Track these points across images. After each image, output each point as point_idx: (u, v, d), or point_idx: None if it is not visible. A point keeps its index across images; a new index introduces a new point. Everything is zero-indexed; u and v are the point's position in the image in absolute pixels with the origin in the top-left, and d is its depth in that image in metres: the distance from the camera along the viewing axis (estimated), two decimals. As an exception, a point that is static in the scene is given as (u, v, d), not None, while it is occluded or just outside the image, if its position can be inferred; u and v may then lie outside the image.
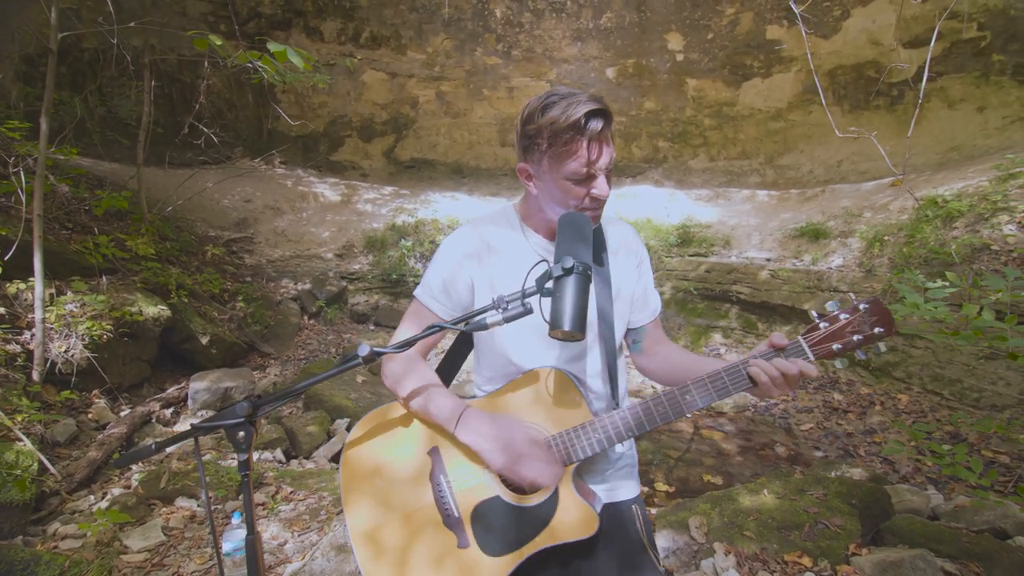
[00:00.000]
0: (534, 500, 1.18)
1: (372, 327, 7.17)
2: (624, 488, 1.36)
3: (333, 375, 1.12)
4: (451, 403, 1.21)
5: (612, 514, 1.30)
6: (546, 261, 1.08)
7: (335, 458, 4.21)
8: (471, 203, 9.18)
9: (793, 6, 3.94)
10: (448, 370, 1.44)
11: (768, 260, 6.60)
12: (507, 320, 1.04)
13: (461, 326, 1.11)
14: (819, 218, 6.74)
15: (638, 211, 8.28)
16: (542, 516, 1.17)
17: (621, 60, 8.72)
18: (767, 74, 8.07)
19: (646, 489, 3.75)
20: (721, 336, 6.41)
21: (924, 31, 6.58)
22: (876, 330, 1.14)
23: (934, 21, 5.82)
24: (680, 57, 8.36)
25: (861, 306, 1.16)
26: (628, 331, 1.44)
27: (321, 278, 7.30)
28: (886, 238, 5.51)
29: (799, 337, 1.18)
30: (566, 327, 0.97)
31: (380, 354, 1.08)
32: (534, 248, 1.32)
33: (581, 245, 1.06)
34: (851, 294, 1.17)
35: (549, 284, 1.03)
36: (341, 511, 3.01)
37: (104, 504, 2.97)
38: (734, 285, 6.51)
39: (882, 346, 1.16)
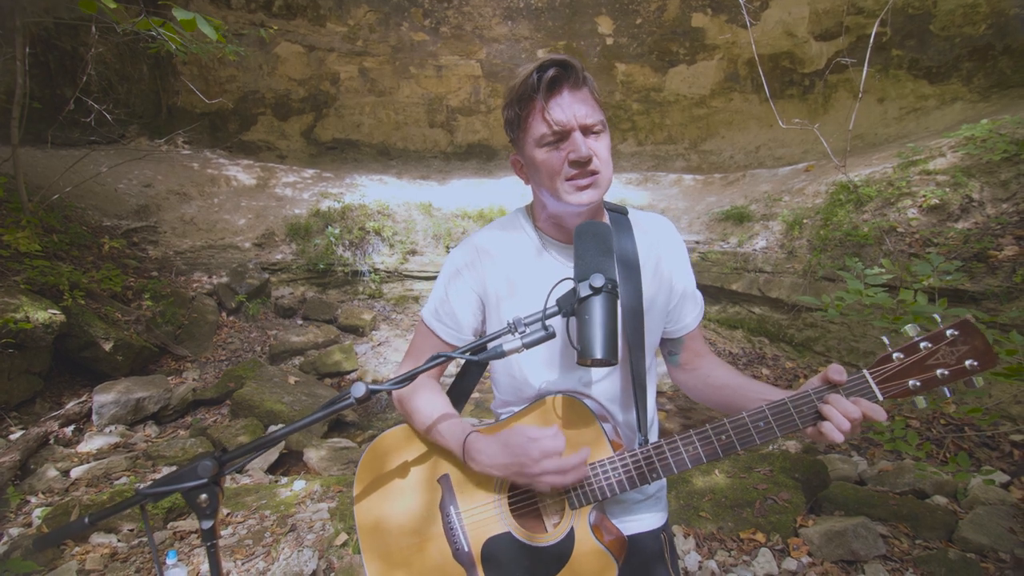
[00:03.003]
0: (548, 540, 1.09)
1: (300, 321, 6.73)
2: (652, 518, 1.26)
3: (321, 419, 0.96)
4: (456, 432, 1.12)
5: (637, 545, 1.21)
6: (570, 279, 0.96)
7: (272, 469, 3.91)
8: (400, 186, 8.80)
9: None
10: (459, 393, 1.32)
11: (697, 243, 6.86)
12: (527, 346, 0.94)
13: (470, 355, 0.97)
14: (742, 202, 7.08)
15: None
16: (556, 558, 1.08)
17: (552, 41, 8.63)
18: (692, 61, 8.32)
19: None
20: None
21: (833, 25, 7.03)
22: (968, 363, 0.89)
23: (843, 16, 6.21)
24: (610, 41, 8.40)
25: (948, 332, 0.91)
26: (664, 341, 1.29)
27: (240, 270, 6.71)
28: (805, 221, 5.88)
29: (864, 371, 0.96)
30: (598, 355, 0.89)
31: (376, 392, 0.94)
32: (542, 245, 1.19)
33: (605, 258, 0.96)
34: (936, 316, 0.94)
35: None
36: (289, 531, 2.78)
37: (1, 550, 2.54)
38: (667, 268, 6.72)
39: (979, 380, 0.90)
